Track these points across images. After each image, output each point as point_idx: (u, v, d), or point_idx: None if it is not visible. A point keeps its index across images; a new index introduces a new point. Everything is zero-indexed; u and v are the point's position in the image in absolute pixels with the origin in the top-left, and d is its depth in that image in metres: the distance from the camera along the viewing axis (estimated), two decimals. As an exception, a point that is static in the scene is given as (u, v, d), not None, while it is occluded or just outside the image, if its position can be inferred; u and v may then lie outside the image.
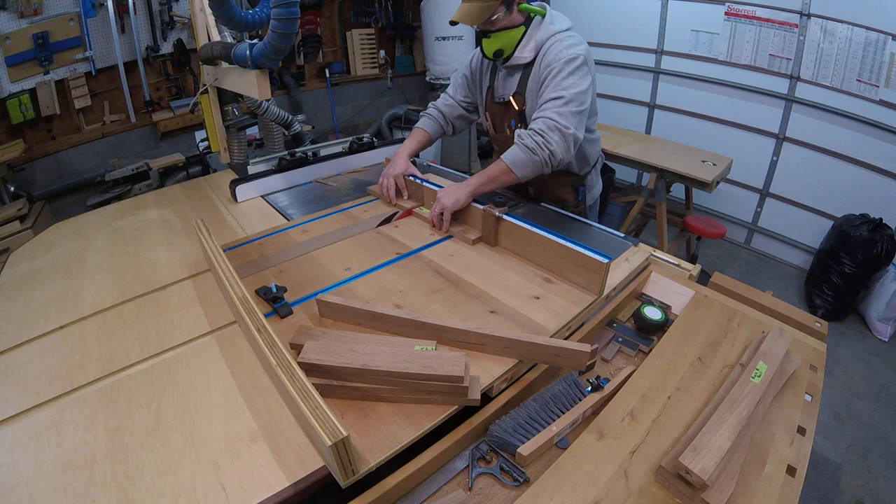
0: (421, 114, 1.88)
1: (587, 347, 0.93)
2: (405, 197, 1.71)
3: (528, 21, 1.54)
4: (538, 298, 1.16)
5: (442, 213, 1.46)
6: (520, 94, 1.59)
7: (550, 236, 1.24)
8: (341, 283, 1.26)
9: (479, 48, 1.66)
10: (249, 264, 1.36)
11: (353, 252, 1.41)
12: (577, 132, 1.44)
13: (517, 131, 1.50)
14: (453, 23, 1.51)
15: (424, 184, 1.63)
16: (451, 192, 1.47)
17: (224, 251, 1.26)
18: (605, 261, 1.12)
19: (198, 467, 0.77)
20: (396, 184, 1.70)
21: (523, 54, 1.54)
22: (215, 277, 1.25)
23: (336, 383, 0.86)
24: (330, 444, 0.66)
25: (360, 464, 0.74)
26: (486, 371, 0.94)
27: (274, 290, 1.17)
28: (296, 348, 0.95)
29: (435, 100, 1.96)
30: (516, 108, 1.61)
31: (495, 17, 1.47)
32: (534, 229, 1.28)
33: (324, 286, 1.24)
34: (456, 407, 0.86)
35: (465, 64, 1.81)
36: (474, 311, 1.13)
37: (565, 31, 1.52)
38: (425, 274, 1.28)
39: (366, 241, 1.47)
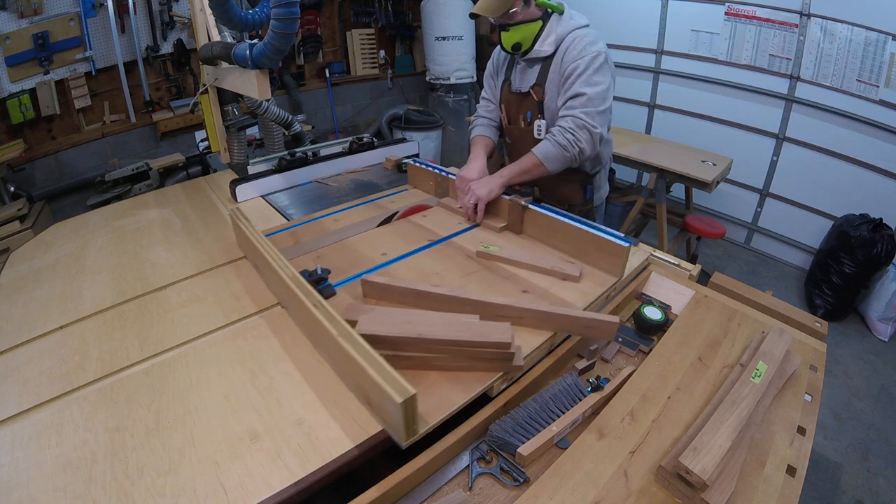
0: (470, 128, 1.91)
1: (616, 319, 0.99)
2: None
3: (545, 16, 1.58)
4: (564, 280, 1.22)
5: (476, 204, 1.50)
6: (539, 85, 1.63)
7: (573, 223, 1.32)
8: (379, 266, 1.31)
9: (498, 44, 1.70)
10: (286, 250, 1.39)
11: (387, 239, 1.46)
12: (603, 131, 1.53)
13: (537, 122, 1.55)
14: (473, 15, 1.55)
15: (450, 176, 1.67)
16: (485, 183, 1.51)
17: (262, 238, 1.29)
18: (627, 244, 1.19)
19: (198, 467, 0.77)
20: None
21: (543, 47, 1.58)
22: (255, 263, 1.31)
23: (390, 353, 0.89)
24: (400, 401, 0.70)
25: (419, 424, 0.78)
26: (525, 342, 0.99)
27: (319, 271, 1.20)
28: (348, 324, 0.97)
29: (435, 100, 1.99)
30: (536, 98, 1.65)
31: (514, 9, 1.51)
32: (558, 217, 1.36)
33: (362, 270, 1.28)
34: (501, 373, 0.92)
35: (487, 67, 1.87)
36: (508, 290, 1.19)
37: (585, 27, 1.57)
38: (459, 258, 1.34)
39: (397, 229, 1.53)
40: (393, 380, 0.75)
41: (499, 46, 1.72)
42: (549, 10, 1.57)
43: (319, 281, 1.18)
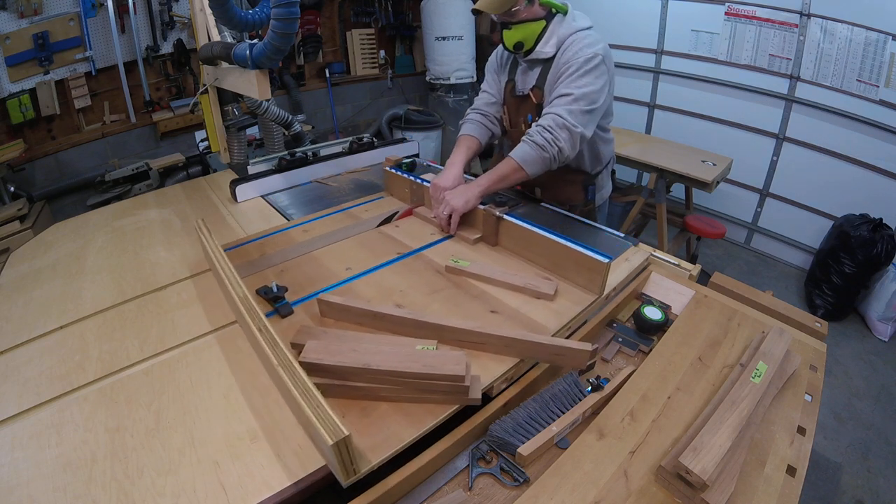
0: (461, 122, 1.80)
1: (588, 346, 0.94)
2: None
3: (549, 16, 1.54)
4: (538, 298, 1.16)
5: (451, 215, 1.44)
6: (538, 88, 1.59)
7: (551, 236, 1.24)
8: (342, 282, 1.26)
9: (501, 43, 1.66)
10: (250, 264, 1.36)
11: (355, 251, 1.41)
12: (585, 131, 1.46)
13: (529, 130, 1.49)
14: (476, 11, 1.50)
15: (425, 184, 1.63)
16: (461, 193, 1.45)
17: (225, 251, 1.26)
18: (606, 260, 1.12)
19: (198, 467, 0.77)
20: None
21: (545, 49, 1.54)
22: (216, 277, 1.26)
23: (338, 383, 0.86)
24: (331, 443, 0.66)
25: (361, 462, 0.74)
26: (487, 370, 0.94)
27: (275, 289, 1.17)
28: (297, 348, 0.95)
29: (435, 100, 1.94)
30: (535, 101, 1.62)
31: (516, 7, 1.47)
32: (534, 229, 1.28)
33: (325, 286, 1.23)
34: (457, 406, 0.86)
35: (490, 61, 1.80)
36: (475, 310, 1.13)
37: (586, 29, 1.54)
38: (426, 273, 1.28)
39: (367, 241, 1.47)
40: (327, 418, 0.70)
41: (501, 44, 1.66)
42: (553, 11, 1.54)
43: (277, 299, 1.14)
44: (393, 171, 1.77)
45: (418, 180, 1.66)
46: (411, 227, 1.54)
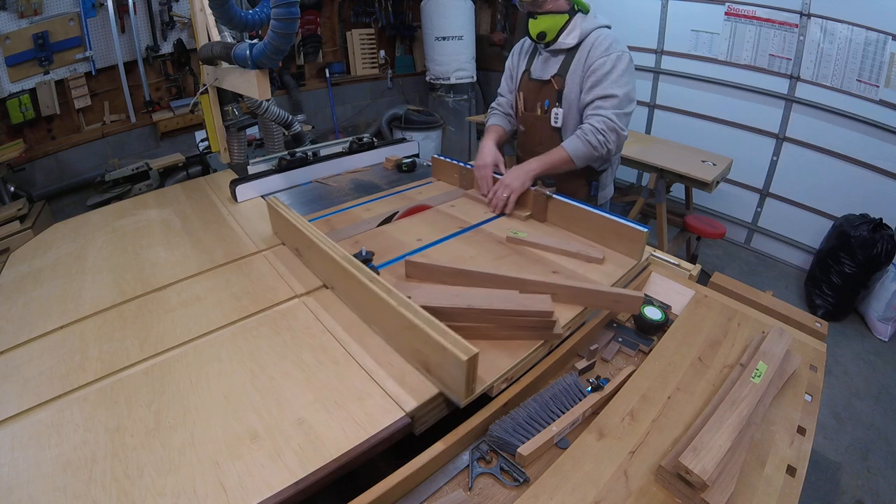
0: (486, 117, 2.01)
1: (640, 294, 1.08)
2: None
3: (572, 11, 1.67)
4: (589, 262, 1.31)
5: (509, 196, 1.56)
6: (560, 75, 1.72)
7: (597, 211, 1.41)
8: (416, 251, 1.37)
9: (525, 36, 1.81)
10: (326, 236, 1.41)
11: (419, 226, 1.53)
12: (626, 133, 1.63)
13: (554, 110, 1.69)
14: None
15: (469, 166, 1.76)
16: (517, 176, 1.59)
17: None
18: (645, 230, 1.28)
19: (198, 467, 0.77)
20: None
21: (567, 40, 1.68)
22: (296, 248, 1.39)
23: (443, 323, 0.92)
24: (465, 359, 0.77)
25: (477, 385, 0.86)
26: (560, 315, 1.06)
27: (364, 253, 1.26)
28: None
29: (435, 100, 2.02)
30: (556, 88, 1.73)
31: None
32: (581, 205, 1.45)
33: (399, 254, 1.35)
34: (542, 342, 1.00)
35: (507, 68, 1.97)
36: (539, 271, 1.26)
37: (607, 27, 1.67)
38: (489, 243, 1.42)
39: (427, 218, 1.60)
40: (455, 341, 0.82)
41: (526, 36, 1.80)
42: (576, 7, 1.66)
43: (365, 261, 1.21)
44: (442, 158, 1.92)
45: (468, 166, 1.80)
46: (465, 207, 1.68)
